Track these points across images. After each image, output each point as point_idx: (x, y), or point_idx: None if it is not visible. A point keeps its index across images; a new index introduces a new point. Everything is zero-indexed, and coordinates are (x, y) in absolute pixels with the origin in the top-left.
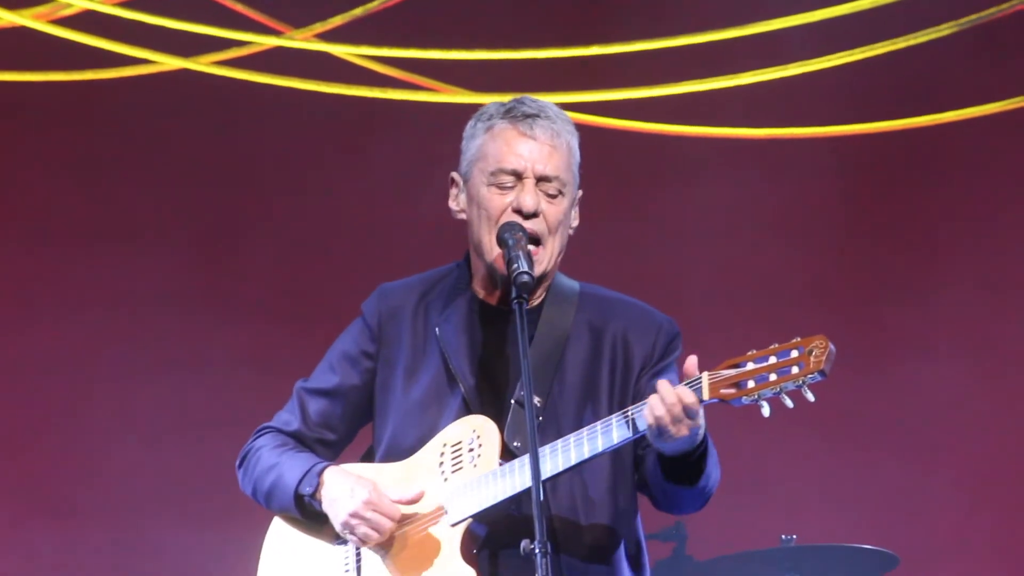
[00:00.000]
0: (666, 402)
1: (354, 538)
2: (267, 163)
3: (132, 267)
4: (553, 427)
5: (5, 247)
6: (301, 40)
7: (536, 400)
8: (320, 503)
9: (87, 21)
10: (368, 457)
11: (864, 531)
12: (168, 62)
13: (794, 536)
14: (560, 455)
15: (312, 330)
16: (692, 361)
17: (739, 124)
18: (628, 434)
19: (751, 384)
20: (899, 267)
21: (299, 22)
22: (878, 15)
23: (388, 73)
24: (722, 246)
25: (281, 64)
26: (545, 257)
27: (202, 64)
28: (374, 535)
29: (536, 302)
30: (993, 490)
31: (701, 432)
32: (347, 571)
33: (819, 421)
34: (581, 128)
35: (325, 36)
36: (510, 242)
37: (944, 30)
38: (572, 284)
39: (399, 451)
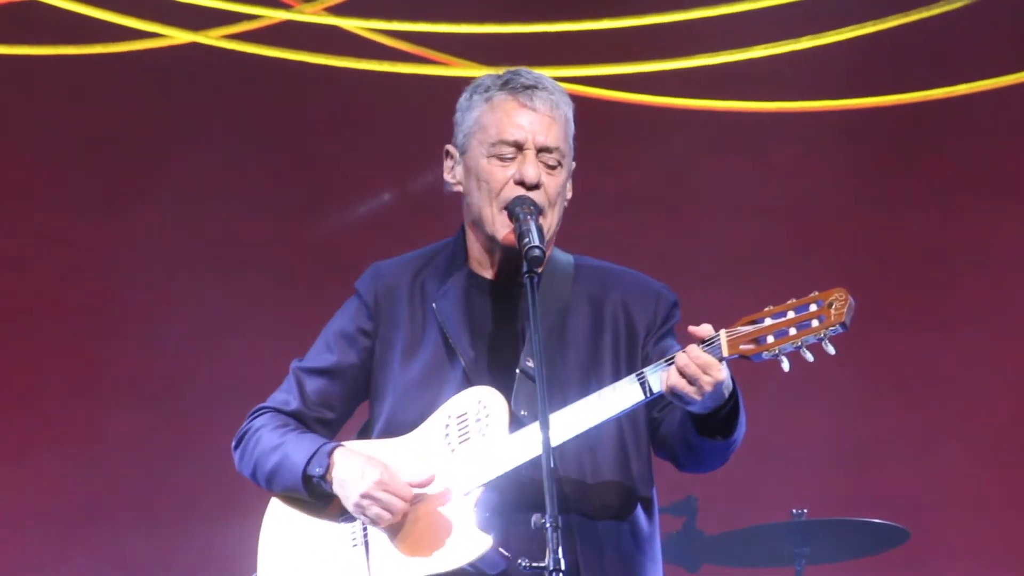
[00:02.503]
0: (682, 367)
1: (366, 519)
2: (276, 137)
3: (136, 242)
4: (558, 397)
5: (14, 220)
6: (311, 14)
7: None
8: (330, 484)
9: None
10: (364, 434)
11: (875, 505)
12: (178, 36)
13: (805, 510)
14: (572, 419)
15: (320, 311)
16: (706, 328)
17: (751, 97)
18: (641, 396)
19: (770, 339)
20: (910, 239)
21: None
22: None
23: (398, 47)
24: (732, 219)
25: (291, 38)
26: (545, 228)
27: (212, 38)
28: (386, 515)
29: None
30: (1006, 465)
31: (727, 387)
32: (354, 546)
33: (830, 394)
34: (593, 102)
35: (335, 10)
36: (521, 216)
37: (957, 2)
38: (566, 256)
39: (399, 427)
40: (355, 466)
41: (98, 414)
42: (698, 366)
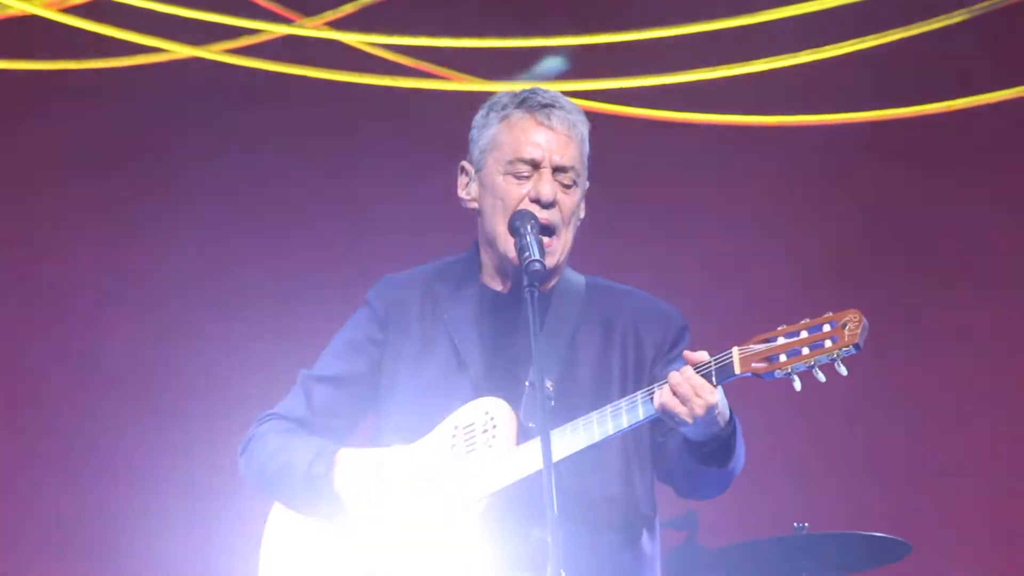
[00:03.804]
0: (674, 386)
1: (365, 519)
2: (277, 151)
3: (140, 259)
4: (566, 414)
5: (15, 234)
6: (312, 28)
7: (548, 384)
8: (332, 483)
9: (98, 9)
10: (373, 443)
11: (877, 519)
12: (179, 50)
13: (806, 524)
14: (583, 432)
15: (314, 327)
16: (703, 355)
17: (751, 112)
18: (649, 412)
19: (783, 358)
20: (909, 253)
21: (310, 10)
22: (890, 2)
23: (399, 61)
24: (733, 234)
25: (292, 52)
26: (559, 248)
27: (213, 52)
28: (386, 518)
29: (545, 291)
30: (1008, 478)
31: (723, 414)
32: (357, 552)
33: (830, 409)
34: (594, 116)
35: (336, 24)
36: (521, 230)
37: (956, 17)
38: (578, 276)
39: (406, 436)
40: (360, 465)
41: (97, 421)
42: (691, 387)
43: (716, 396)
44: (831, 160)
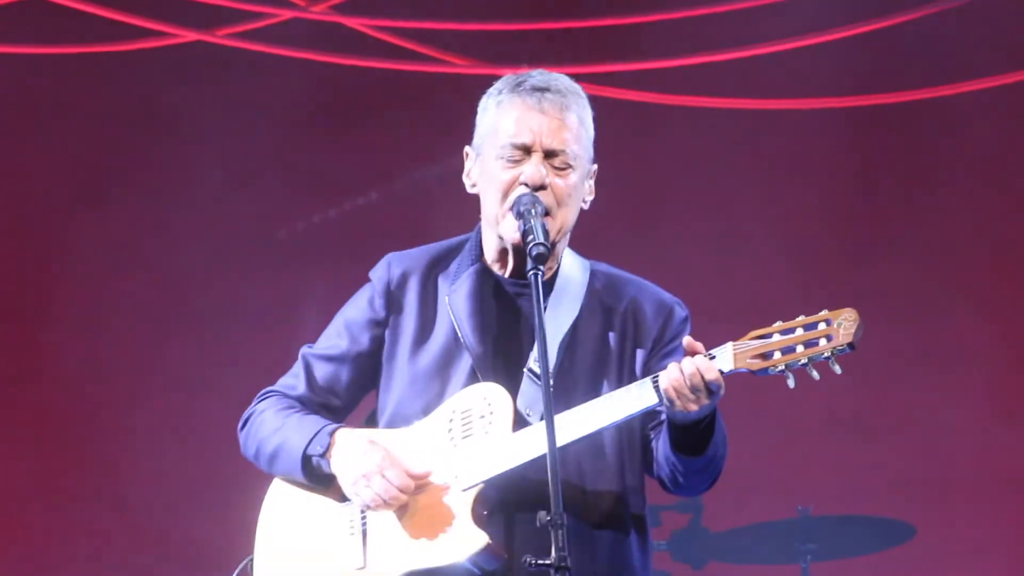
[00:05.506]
0: (685, 372)
1: (360, 500)
2: (282, 135)
3: (144, 239)
4: (563, 398)
5: (29, 216)
6: (316, 12)
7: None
8: (329, 463)
9: None
10: (371, 423)
11: (880, 501)
12: (183, 34)
13: (810, 507)
14: (580, 420)
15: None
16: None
17: (754, 95)
18: (654, 400)
19: (777, 355)
20: (913, 236)
21: None
22: None
23: (404, 45)
24: (736, 219)
25: (296, 36)
26: (552, 229)
27: (217, 36)
28: (379, 500)
29: (547, 276)
30: (1014, 462)
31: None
32: (352, 534)
33: (834, 391)
34: (597, 100)
35: (340, 8)
36: (526, 214)
37: None
38: (582, 261)
39: (403, 418)
40: (357, 446)
41: (105, 404)
42: (704, 380)
43: (723, 391)
44: (835, 144)
